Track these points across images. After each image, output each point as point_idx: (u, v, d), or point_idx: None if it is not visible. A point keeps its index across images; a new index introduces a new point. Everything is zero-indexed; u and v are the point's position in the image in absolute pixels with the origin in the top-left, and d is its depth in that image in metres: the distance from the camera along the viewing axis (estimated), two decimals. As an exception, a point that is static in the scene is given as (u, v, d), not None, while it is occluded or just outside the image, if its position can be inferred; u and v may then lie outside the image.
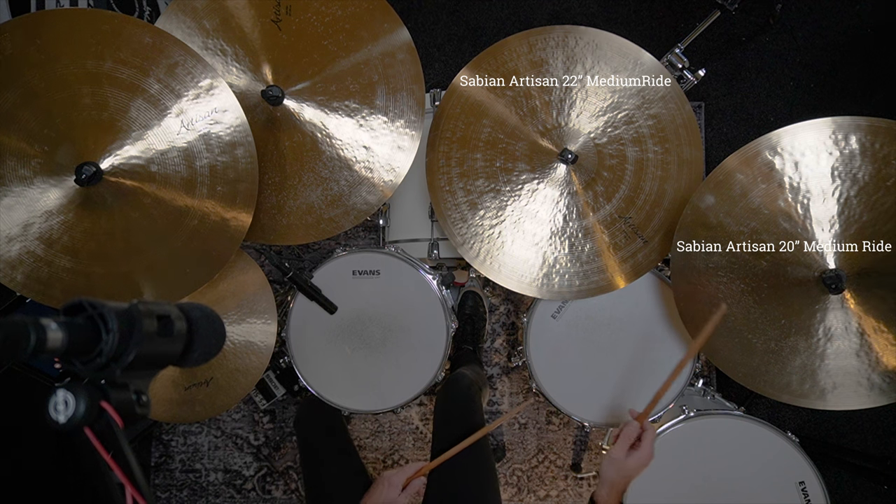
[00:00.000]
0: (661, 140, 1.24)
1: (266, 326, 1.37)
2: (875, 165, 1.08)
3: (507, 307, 2.04)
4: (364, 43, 1.22)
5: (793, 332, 1.17)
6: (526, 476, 1.99)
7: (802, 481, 1.28)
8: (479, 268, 1.30)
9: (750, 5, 2.04)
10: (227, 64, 1.22)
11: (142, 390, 0.52)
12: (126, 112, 1.08)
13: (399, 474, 1.14)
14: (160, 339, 0.53)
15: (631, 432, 1.05)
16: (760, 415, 1.64)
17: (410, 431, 2.01)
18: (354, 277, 1.42)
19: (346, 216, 1.27)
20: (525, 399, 2.00)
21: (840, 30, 2.08)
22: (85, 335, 0.48)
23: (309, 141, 1.25)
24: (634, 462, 1.02)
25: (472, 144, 1.28)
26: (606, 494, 1.04)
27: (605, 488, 1.04)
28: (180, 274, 1.15)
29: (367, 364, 1.43)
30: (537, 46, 1.25)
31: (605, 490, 1.04)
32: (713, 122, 2.08)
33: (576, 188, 1.26)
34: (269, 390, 1.87)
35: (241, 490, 2.02)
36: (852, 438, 1.99)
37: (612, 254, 1.27)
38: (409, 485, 1.14)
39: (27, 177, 1.07)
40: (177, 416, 1.35)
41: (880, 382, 1.16)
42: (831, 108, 2.06)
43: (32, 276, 1.10)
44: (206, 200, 1.12)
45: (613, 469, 1.03)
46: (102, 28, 1.05)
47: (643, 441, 1.04)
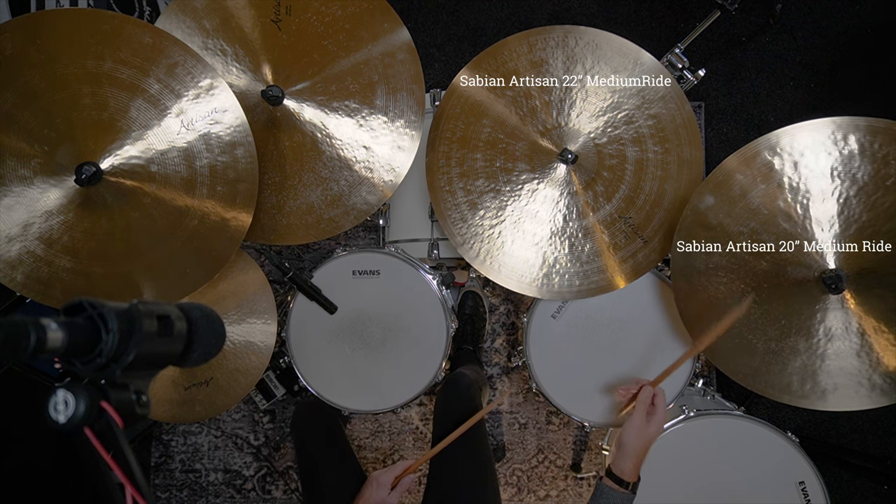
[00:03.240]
0: (661, 140, 1.24)
1: (266, 326, 1.37)
2: (874, 165, 1.08)
3: (507, 307, 2.04)
4: (364, 43, 1.22)
5: (793, 332, 1.17)
6: (526, 476, 1.99)
7: (802, 481, 1.28)
8: (479, 268, 1.30)
9: (750, 5, 2.04)
10: (227, 64, 1.22)
11: (142, 390, 0.52)
12: (126, 112, 1.08)
13: (387, 473, 1.15)
14: (160, 339, 0.53)
15: (646, 397, 1.08)
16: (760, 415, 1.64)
17: (410, 431, 2.01)
18: (354, 277, 1.42)
19: (346, 216, 1.27)
20: (525, 399, 2.00)
21: (840, 30, 2.08)
22: (85, 335, 0.48)
23: (309, 141, 1.25)
24: (655, 426, 1.07)
25: (472, 144, 1.28)
26: (632, 465, 1.05)
27: (630, 459, 1.05)
28: (180, 274, 1.15)
29: (367, 364, 1.43)
30: (537, 46, 1.25)
31: (630, 461, 1.05)
32: (713, 122, 2.08)
33: (576, 188, 1.26)
34: (269, 390, 1.87)
35: (241, 490, 2.02)
36: (852, 438, 1.99)
37: (612, 254, 1.27)
38: (399, 483, 1.14)
39: (27, 177, 1.07)
40: (177, 416, 1.35)
41: (881, 383, 1.16)
42: (831, 108, 2.06)
43: (32, 276, 1.10)
44: (206, 200, 1.12)
45: (637, 436, 1.06)
46: (102, 28, 1.05)
47: (657, 405, 1.08)
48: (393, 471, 1.15)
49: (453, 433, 1.17)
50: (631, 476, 1.05)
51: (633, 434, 1.06)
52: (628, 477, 1.05)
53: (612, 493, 1.05)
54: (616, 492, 1.05)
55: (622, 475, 1.05)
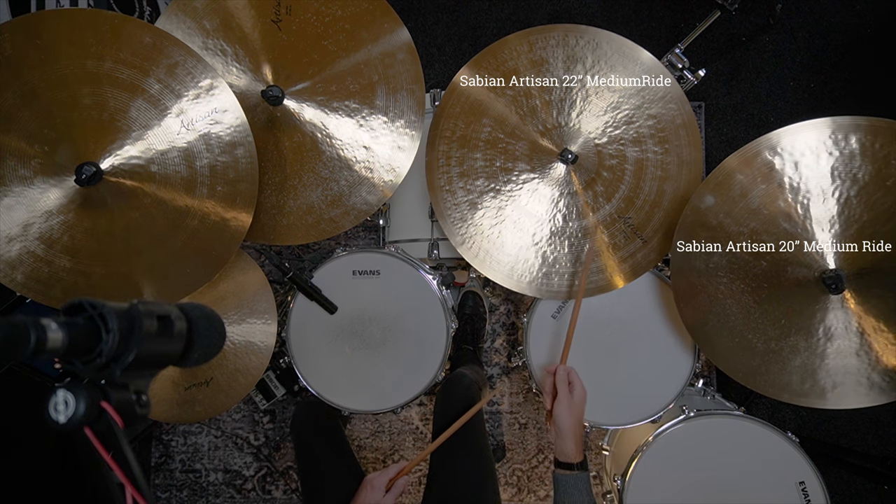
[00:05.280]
0: (661, 140, 1.24)
1: (266, 326, 1.37)
2: (875, 165, 1.08)
3: (507, 307, 2.04)
4: (364, 43, 1.22)
5: (793, 331, 1.17)
6: (526, 476, 1.99)
7: (802, 481, 1.28)
8: (479, 268, 1.30)
9: (750, 5, 2.04)
10: (227, 64, 1.22)
11: (142, 390, 0.52)
12: (126, 112, 1.08)
13: (381, 476, 1.15)
14: (160, 340, 0.53)
15: (563, 376, 1.13)
16: (760, 415, 1.65)
17: (410, 431, 2.01)
18: (354, 277, 1.42)
19: (346, 216, 1.27)
20: (525, 399, 2.00)
21: (840, 30, 2.08)
22: (85, 335, 0.48)
23: (309, 141, 1.25)
24: (578, 398, 1.11)
25: (472, 144, 1.28)
26: (573, 444, 1.07)
27: (569, 439, 1.07)
28: (180, 274, 1.14)
29: (367, 364, 1.43)
30: (537, 45, 1.25)
31: (570, 441, 1.07)
32: (713, 122, 2.08)
33: (576, 188, 1.26)
34: (269, 390, 1.87)
35: (241, 490, 2.02)
36: (852, 438, 1.99)
37: (611, 254, 1.27)
38: (394, 485, 1.14)
39: (27, 177, 1.07)
40: (177, 416, 1.35)
41: (880, 381, 1.16)
42: (831, 108, 2.06)
43: (32, 276, 1.10)
44: (206, 200, 1.12)
45: (568, 414, 1.08)
46: (102, 28, 1.05)
47: (573, 380, 1.13)
48: (387, 473, 1.15)
49: (446, 431, 1.18)
50: (576, 456, 1.07)
51: (564, 414, 1.08)
52: (574, 458, 1.07)
53: (566, 480, 1.07)
54: (569, 476, 1.07)
55: (568, 458, 1.07)
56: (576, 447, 1.07)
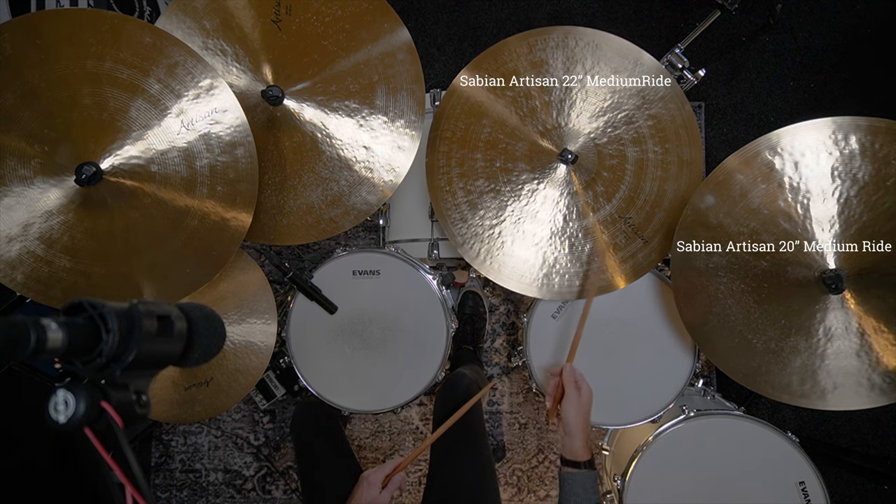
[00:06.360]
0: (661, 140, 1.24)
1: (266, 326, 1.37)
2: (875, 165, 1.08)
3: (507, 307, 2.04)
4: (364, 43, 1.22)
5: (793, 332, 1.17)
6: (526, 476, 1.99)
7: (802, 481, 1.28)
8: (479, 268, 1.30)
9: (750, 5, 2.04)
10: (227, 64, 1.22)
11: (142, 390, 0.52)
12: (126, 112, 1.08)
13: (377, 472, 1.15)
14: (160, 339, 0.53)
15: (569, 375, 1.13)
16: (760, 415, 1.64)
17: (410, 431, 2.01)
18: (354, 277, 1.42)
19: (346, 216, 1.27)
20: (525, 399, 2.00)
21: (840, 30, 2.08)
22: (85, 335, 0.48)
23: (309, 141, 1.25)
24: (585, 396, 1.11)
25: (472, 144, 1.28)
26: (581, 442, 1.07)
27: (577, 437, 1.07)
28: (180, 274, 1.14)
29: (368, 364, 1.43)
30: (537, 47, 1.25)
31: (578, 439, 1.07)
32: (713, 122, 2.09)
33: (576, 188, 1.26)
34: (269, 390, 1.87)
35: (241, 490, 2.02)
36: (852, 438, 1.99)
37: (612, 254, 1.27)
38: (390, 482, 1.14)
39: (27, 177, 1.06)
40: (177, 416, 1.35)
41: (880, 382, 1.16)
42: (831, 108, 2.06)
43: (32, 276, 1.10)
44: (206, 200, 1.12)
45: (577, 412, 1.09)
46: (102, 28, 1.05)
47: (578, 378, 1.13)
48: (383, 469, 1.15)
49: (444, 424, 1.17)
50: (584, 454, 1.07)
51: (572, 412, 1.08)
52: (581, 456, 1.07)
53: (573, 478, 1.06)
54: (576, 474, 1.06)
55: (575, 457, 1.07)
56: (584, 445, 1.07)
